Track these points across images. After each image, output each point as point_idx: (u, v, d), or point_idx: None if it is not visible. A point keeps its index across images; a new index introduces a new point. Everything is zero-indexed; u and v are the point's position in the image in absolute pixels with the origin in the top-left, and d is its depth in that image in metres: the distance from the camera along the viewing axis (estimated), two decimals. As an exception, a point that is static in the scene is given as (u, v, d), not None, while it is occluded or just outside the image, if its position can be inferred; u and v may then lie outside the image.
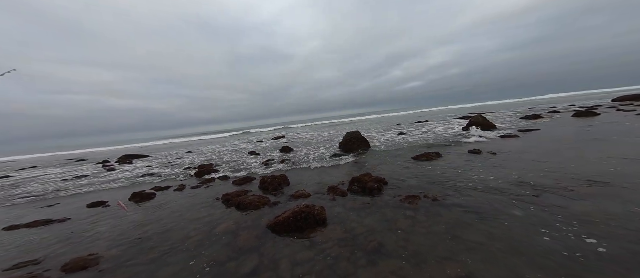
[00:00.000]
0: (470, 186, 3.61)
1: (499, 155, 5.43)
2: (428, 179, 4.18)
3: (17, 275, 2.17)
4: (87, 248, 2.74)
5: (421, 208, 3.02)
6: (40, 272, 2.24)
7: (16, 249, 2.88)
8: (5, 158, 24.00)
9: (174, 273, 2.12)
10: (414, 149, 7.07)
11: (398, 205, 3.18)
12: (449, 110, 35.31)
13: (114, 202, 4.50)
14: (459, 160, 5.36)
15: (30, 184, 7.58)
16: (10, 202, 5.45)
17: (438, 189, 3.61)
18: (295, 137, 16.65)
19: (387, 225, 2.66)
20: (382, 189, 3.86)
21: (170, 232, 2.99)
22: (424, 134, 10.57)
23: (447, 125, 13.40)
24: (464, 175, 4.17)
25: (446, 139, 8.28)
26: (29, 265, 2.41)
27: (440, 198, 3.26)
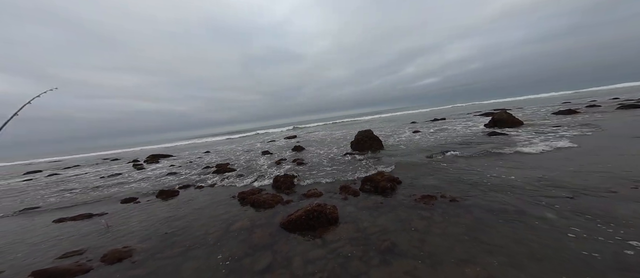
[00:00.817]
0: (493, 186, 3.42)
1: (525, 153, 5.05)
2: (445, 179, 4.02)
3: (66, 264, 2.47)
4: (121, 240, 3.03)
5: (437, 208, 2.92)
6: (84, 262, 2.53)
7: (64, 240, 3.26)
8: (49, 159, 27.12)
9: (196, 267, 2.27)
10: (430, 148, 6.81)
11: (412, 204, 3.11)
12: (469, 107, 33.33)
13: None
14: (479, 159, 5.08)
15: (75, 181, 8.51)
16: (59, 197, 6.18)
17: (456, 189, 3.46)
18: (307, 137, 16.80)
19: (401, 224, 2.62)
20: (395, 188, 3.79)
21: (192, 227, 3.20)
22: (440, 132, 10.11)
23: (466, 122, 12.69)
24: (486, 175, 3.95)
25: (465, 137, 7.86)
26: (74, 255, 2.73)
27: (459, 198, 3.12)
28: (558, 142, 5.56)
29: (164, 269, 2.29)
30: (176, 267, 2.31)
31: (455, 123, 13.04)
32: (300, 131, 25.06)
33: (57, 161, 23.01)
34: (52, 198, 6.06)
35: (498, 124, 9.12)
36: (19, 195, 7.00)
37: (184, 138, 54.47)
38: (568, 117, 9.72)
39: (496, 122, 9.22)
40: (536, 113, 12.95)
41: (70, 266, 2.37)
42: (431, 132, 10.28)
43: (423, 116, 23.57)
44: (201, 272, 2.18)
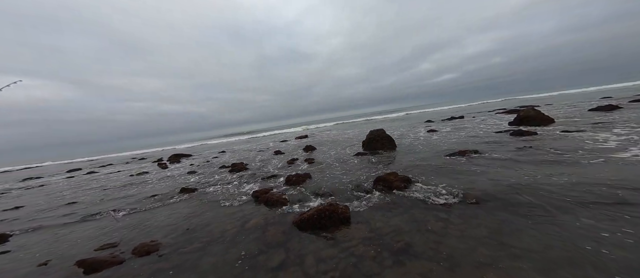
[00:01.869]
0: (520, 187, 3.19)
1: (559, 152, 4.63)
2: (464, 179, 3.83)
3: (103, 255, 2.72)
4: (149, 234, 3.28)
5: (456, 209, 2.80)
6: (118, 254, 2.77)
7: (101, 233, 3.60)
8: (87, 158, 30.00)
9: (214, 262, 2.39)
10: (447, 148, 6.51)
11: (428, 205, 3.01)
12: (491, 104, 31.20)
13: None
14: (503, 158, 4.76)
15: (109, 179, 9.34)
16: (96, 193, 6.82)
17: (476, 190, 3.28)
18: (319, 136, 16.86)
19: (416, 225, 2.55)
20: (409, 188, 3.68)
21: (210, 224, 3.37)
22: (458, 131, 9.60)
23: (487, 120, 11.94)
24: (511, 175, 3.70)
25: (486, 137, 7.38)
26: (109, 248, 3.00)
27: (480, 199, 2.96)
28: (595, 138, 5.04)
29: (186, 263, 2.44)
30: (196, 261, 2.45)
31: (474, 121, 12.31)
32: (312, 131, 25.24)
33: (93, 160, 25.41)
34: (90, 194, 6.71)
35: (524, 121, 8.43)
36: (61, 191, 7.84)
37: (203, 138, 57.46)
38: (609, 114, 8.74)
39: (522, 120, 8.52)
40: (570, 109, 11.79)
41: (107, 257, 2.62)
42: (448, 131, 9.81)
43: (439, 114, 22.53)
44: (218, 268, 2.29)
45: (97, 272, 2.43)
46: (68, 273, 2.49)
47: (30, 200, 6.78)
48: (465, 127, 10.44)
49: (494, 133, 7.74)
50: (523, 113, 8.78)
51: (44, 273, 2.56)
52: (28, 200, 6.79)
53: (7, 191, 9.02)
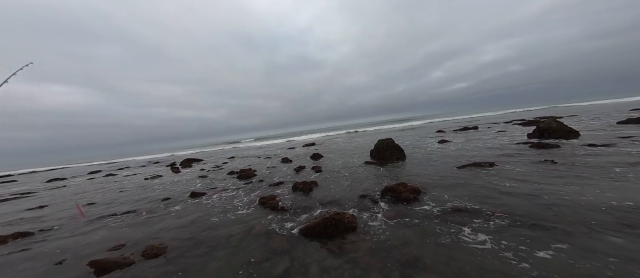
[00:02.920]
0: (541, 202, 3.00)
1: (585, 167, 4.32)
2: (476, 192, 3.64)
3: (114, 257, 2.80)
4: (157, 237, 3.35)
5: (470, 222, 2.65)
6: (128, 255, 2.83)
7: (113, 233, 3.72)
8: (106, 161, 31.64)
9: (218, 267, 2.39)
10: (460, 159, 6.27)
11: (439, 217, 2.87)
12: (507, 115, 29.99)
13: None
14: (522, 171, 4.50)
15: (125, 181, 9.77)
16: (112, 195, 7.14)
17: (492, 203, 3.11)
18: (327, 144, 16.84)
19: (425, 238, 2.43)
20: (418, 200, 3.55)
21: (217, 229, 3.40)
22: (471, 142, 9.25)
23: (503, 132, 11.43)
24: (529, 189, 3.49)
25: (502, 149, 7.03)
26: (121, 248, 3.09)
27: (497, 213, 2.79)
28: (629, 157, 4.65)
29: (192, 267, 2.46)
30: (202, 266, 2.46)
31: (489, 132, 11.82)
32: (320, 139, 25.29)
33: (112, 163, 26.77)
34: (108, 196, 7.02)
35: (545, 134, 7.88)
36: (82, 193, 8.26)
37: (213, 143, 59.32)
38: (638, 125, 8.08)
39: (543, 132, 7.98)
40: (596, 122, 11.03)
41: (118, 259, 2.68)
42: (461, 142, 9.48)
43: (451, 124, 21.88)
44: (223, 273, 2.28)
45: (108, 273, 2.49)
46: (81, 273, 2.57)
47: (53, 200, 7.19)
48: (480, 138, 10.04)
49: (511, 145, 7.37)
50: (543, 124, 8.24)
51: (59, 272, 2.66)
52: (51, 200, 7.21)
53: (33, 191, 9.64)
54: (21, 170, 27.88)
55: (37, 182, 13.38)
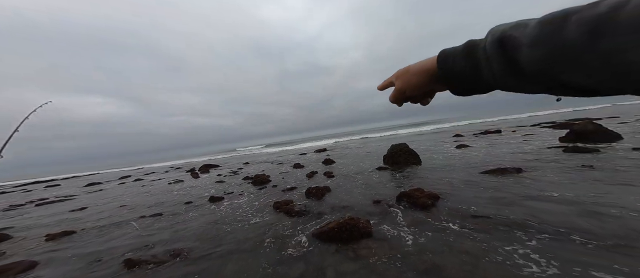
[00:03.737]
0: (580, 212, 2.74)
1: (630, 173, 3.89)
2: (504, 198, 3.43)
3: (146, 256, 3.02)
4: (180, 238, 3.56)
5: (497, 230, 2.50)
6: (157, 255, 3.04)
7: (144, 233, 4.02)
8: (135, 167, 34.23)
9: (237, 270, 2.47)
10: (482, 164, 5.93)
11: (461, 225, 2.74)
12: (533, 118, 27.88)
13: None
14: (554, 178, 4.15)
15: (152, 185, 10.51)
16: (142, 198, 7.73)
17: (521, 211, 2.90)
18: (338, 150, 16.76)
19: (446, 245, 2.33)
20: (437, 206, 3.42)
21: (234, 232, 3.54)
22: (494, 146, 8.70)
23: (532, 135, 10.63)
24: (564, 197, 3.21)
25: (531, 154, 6.52)
26: (150, 248, 3.33)
27: (525, 222, 2.60)
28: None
29: (211, 269, 2.57)
30: (221, 268, 2.56)
31: (514, 136, 11.05)
32: (332, 144, 25.29)
33: (139, 168, 28.91)
34: (137, 199, 7.60)
35: (581, 137, 7.19)
36: (115, 196, 9.02)
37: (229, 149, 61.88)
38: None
39: (578, 135, 7.25)
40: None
41: (147, 258, 2.89)
42: (482, 147, 8.95)
43: (471, 128, 20.77)
44: (241, 276, 2.36)
45: (139, 270, 2.69)
46: (116, 269, 2.79)
47: (92, 202, 7.93)
48: (504, 142, 9.41)
49: (542, 150, 6.82)
50: (579, 127, 7.47)
51: (98, 268, 2.92)
52: (89, 203, 7.95)
53: (74, 195, 10.70)
54: (64, 176, 31.10)
55: (77, 186, 14.82)
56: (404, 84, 0.58)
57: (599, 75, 0.30)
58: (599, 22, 0.28)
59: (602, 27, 0.27)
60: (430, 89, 0.59)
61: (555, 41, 0.32)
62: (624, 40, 0.26)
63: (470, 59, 0.45)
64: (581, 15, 0.29)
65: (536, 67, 0.35)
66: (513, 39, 0.37)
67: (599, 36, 0.28)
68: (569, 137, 7.54)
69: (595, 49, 0.28)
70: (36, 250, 3.75)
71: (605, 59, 0.28)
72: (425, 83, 0.55)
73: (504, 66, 0.39)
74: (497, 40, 0.39)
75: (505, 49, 0.38)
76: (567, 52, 0.31)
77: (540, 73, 0.35)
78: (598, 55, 0.28)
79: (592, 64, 0.29)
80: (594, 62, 0.29)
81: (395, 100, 0.63)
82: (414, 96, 0.62)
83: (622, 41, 0.26)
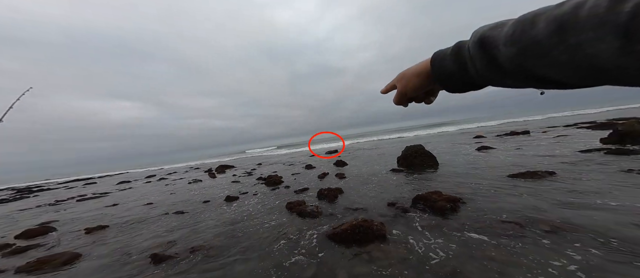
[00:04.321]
0: (630, 222, 2.45)
1: None
2: (535, 204, 3.17)
3: (170, 251, 3.21)
4: (200, 236, 3.73)
5: (527, 238, 2.31)
6: (179, 252, 3.20)
7: (167, 230, 4.28)
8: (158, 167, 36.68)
9: (252, 268, 2.52)
10: (507, 167, 5.52)
11: (486, 230, 2.57)
12: (567, 118, 25.46)
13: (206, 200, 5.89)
14: (597, 182, 3.75)
15: (175, 184, 11.20)
16: (165, 196, 8.26)
17: (558, 219, 2.66)
18: (349, 151, 16.57)
19: (469, 250, 2.20)
20: (457, 210, 3.24)
21: (249, 231, 3.63)
22: (523, 148, 8.06)
23: (565, 136, 9.68)
24: (613, 204, 2.88)
25: (567, 155, 5.97)
26: (173, 245, 3.51)
27: (567, 230, 2.38)
28: None
29: (228, 265, 2.66)
30: (237, 265, 2.64)
31: (546, 137, 10.14)
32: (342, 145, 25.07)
33: (162, 168, 30.93)
34: (161, 197, 8.14)
35: (627, 138, 6.40)
36: (142, 194, 9.74)
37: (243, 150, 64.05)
38: None
39: (623, 136, 6.41)
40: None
41: (171, 254, 3.07)
42: (508, 149, 8.33)
43: (493, 129, 19.42)
44: (256, 274, 2.41)
45: (164, 265, 2.87)
46: (144, 263, 2.99)
47: (122, 200, 8.63)
48: (533, 143, 8.67)
49: (579, 152, 6.18)
50: (624, 127, 6.59)
51: (127, 261, 3.14)
52: (121, 200, 8.66)
53: (108, 192, 11.71)
54: (99, 174, 34.22)
55: (110, 184, 16.21)
56: (404, 86, 0.61)
57: (566, 69, 0.32)
58: (562, 20, 0.30)
59: (566, 25, 0.30)
60: (430, 88, 0.62)
61: (526, 39, 0.34)
62: (584, 36, 0.28)
63: (458, 59, 0.48)
64: (549, 15, 0.32)
65: (512, 63, 0.38)
66: (491, 39, 0.40)
67: (564, 33, 0.30)
68: (611, 138, 6.72)
69: (561, 45, 0.31)
70: (77, 243, 4.16)
71: (570, 54, 0.30)
72: (424, 83, 0.59)
73: (486, 64, 0.43)
74: (478, 40, 0.43)
75: (485, 48, 0.42)
76: (537, 48, 0.33)
77: (517, 68, 0.38)
78: (563, 51, 0.31)
79: (559, 58, 0.32)
80: (561, 57, 0.31)
81: (399, 101, 0.66)
82: (416, 96, 0.65)
83: (583, 37, 0.28)
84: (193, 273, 2.57)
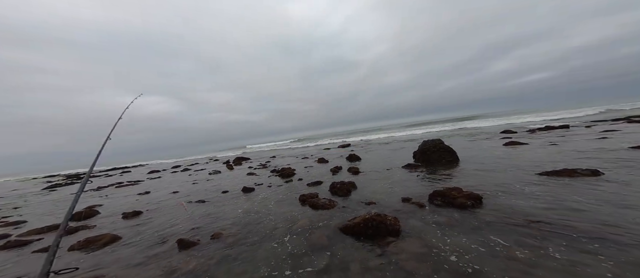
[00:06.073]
0: None
1: None
2: (572, 206, 2.88)
3: (193, 237, 3.46)
4: (219, 223, 3.95)
5: (559, 239, 2.13)
6: (202, 237, 3.43)
7: (192, 218, 4.59)
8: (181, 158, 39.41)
9: (266, 256, 2.62)
10: (540, 164, 5.04)
11: (510, 229, 2.40)
12: (612, 112, 22.30)
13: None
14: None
15: (197, 175, 11.99)
16: (188, 185, 8.90)
17: (598, 221, 2.40)
18: (362, 146, 16.29)
19: (490, 249, 2.08)
20: (478, 207, 3.06)
21: (264, 221, 3.77)
22: (559, 144, 7.29)
23: (613, 131, 8.54)
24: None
25: (610, 153, 5.30)
26: (196, 231, 3.76)
27: (609, 232, 2.14)
28: None
29: (245, 253, 2.78)
30: (253, 253, 2.75)
31: (588, 132, 9.04)
32: (356, 139, 24.70)
33: (186, 159, 33.24)
34: (185, 186, 8.77)
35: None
36: (169, 183, 10.57)
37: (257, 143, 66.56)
38: None
39: None
40: None
41: (194, 240, 3.31)
42: (541, 145, 7.59)
43: (524, 124, 17.69)
44: (270, 262, 2.51)
45: (188, 250, 3.08)
46: (171, 247, 3.24)
47: (153, 188, 9.45)
48: (573, 139, 7.80)
49: (629, 150, 5.43)
50: None
51: (156, 246, 3.39)
52: (152, 187, 9.49)
53: (141, 180, 12.89)
54: (133, 164, 37.75)
55: (142, 173, 17.82)
56: None
57: None
58: None
59: None
60: None
61: None
62: None
63: None
64: None
65: None
66: None
67: None
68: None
69: None
70: (116, 225, 4.66)
71: None
72: None
73: None
74: None
75: None
76: None
77: None
78: None
79: None
80: None
81: None
82: None
83: None
84: (214, 258, 2.75)
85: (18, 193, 13.26)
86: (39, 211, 7.41)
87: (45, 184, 17.34)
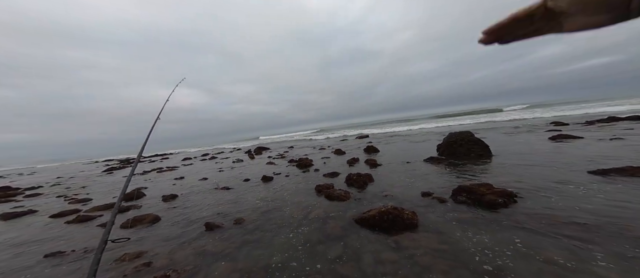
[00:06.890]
0: None
1: None
2: (628, 207, 2.43)
3: (218, 221, 3.76)
4: (241, 210, 4.23)
5: (605, 243, 1.85)
6: (224, 222, 3.71)
7: (217, 202, 5.01)
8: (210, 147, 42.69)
9: (282, 243, 2.73)
10: (594, 161, 4.33)
11: (546, 230, 2.15)
12: None
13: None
14: None
15: (222, 163, 12.93)
16: (215, 173, 9.65)
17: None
18: (381, 138, 15.69)
19: (519, 250, 1.90)
20: (510, 206, 2.78)
21: (282, 209, 3.93)
22: (623, 139, 6.12)
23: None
24: None
25: None
26: (221, 216, 4.08)
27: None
28: None
29: (263, 239, 2.94)
30: (270, 240, 2.90)
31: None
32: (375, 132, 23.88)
33: (213, 148, 35.95)
34: (212, 173, 9.55)
35: None
36: (199, 169, 11.57)
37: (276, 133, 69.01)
38: None
39: None
40: None
41: (219, 224, 3.59)
42: (596, 138, 6.49)
43: (578, 117, 15.02)
44: (286, 248, 2.61)
45: (213, 232, 3.38)
46: (200, 229, 3.56)
47: (187, 173, 10.46)
48: (635, 132, 6.46)
49: None
50: None
51: (188, 226, 3.76)
52: (186, 173, 10.51)
53: (176, 166, 14.36)
54: (171, 151, 42.10)
55: (178, 160, 19.80)
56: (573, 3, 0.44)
57: None
58: None
59: None
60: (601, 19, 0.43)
61: None
62: None
63: None
64: None
65: None
66: None
67: None
68: None
69: None
70: (157, 207, 5.29)
71: None
72: None
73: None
74: None
75: None
76: None
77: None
78: None
79: None
80: None
81: (507, 29, 0.50)
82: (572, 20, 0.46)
83: None
84: (235, 242, 2.98)
85: (85, 174, 15.81)
86: (101, 190, 8.77)
87: (104, 167, 20.34)
